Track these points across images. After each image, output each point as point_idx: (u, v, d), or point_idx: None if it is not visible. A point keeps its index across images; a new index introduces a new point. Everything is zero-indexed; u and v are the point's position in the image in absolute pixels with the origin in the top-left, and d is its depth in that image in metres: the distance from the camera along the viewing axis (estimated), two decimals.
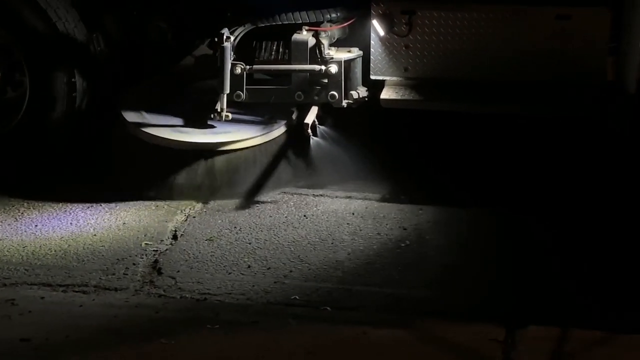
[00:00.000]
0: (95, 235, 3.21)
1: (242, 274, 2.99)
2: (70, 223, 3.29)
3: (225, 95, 3.23)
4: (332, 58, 3.29)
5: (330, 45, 3.36)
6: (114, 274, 2.96)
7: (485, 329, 2.64)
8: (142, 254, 3.12)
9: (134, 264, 3.08)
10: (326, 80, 3.31)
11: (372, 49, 3.35)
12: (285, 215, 3.31)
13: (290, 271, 2.99)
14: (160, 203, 3.41)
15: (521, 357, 2.53)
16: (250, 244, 3.19)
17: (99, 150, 3.53)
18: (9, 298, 2.72)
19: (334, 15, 3.35)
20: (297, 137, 3.40)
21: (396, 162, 3.60)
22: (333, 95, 3.29)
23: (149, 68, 3.86)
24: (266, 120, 3.38)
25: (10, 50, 3.43)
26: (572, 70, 3.20)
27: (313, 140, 3.32)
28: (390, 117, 3.56)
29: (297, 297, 2.84)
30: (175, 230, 3.26)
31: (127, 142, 3.33)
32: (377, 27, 3.26)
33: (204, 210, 3.45)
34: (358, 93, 3.36)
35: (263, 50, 3.46)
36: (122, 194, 3.39)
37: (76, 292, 2.86)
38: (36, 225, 3.22)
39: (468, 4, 3.25)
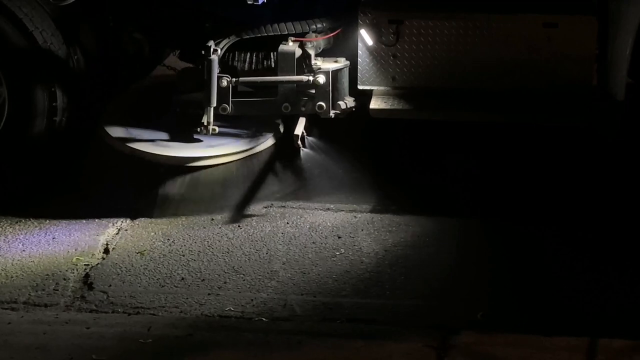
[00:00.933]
0: (24, 250, 3.22)
1: (176, 287, 3.02)
2: None
3: (212, 109, 3.21)
4: (319, 68, 3.29)
5: (317, 55, 3.35)
6: (43, 290, 2.97)
7: (419, 336, 2.69)
8: (73, 269, 3.13)
9: (64, 279, 3.09)
10: (313, 91, 3.30)
11: (359, 59, 3.35)
12: (219, 226, 3.32)
13: (225, 282, 3.02)
14: (91, 217, 3.42)
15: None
16: (183, 255, 3.21)
17: (77, 163, 3.51)
18: None
19: (319, 25, 3.35)
20: (284, 149, 3.41)
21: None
22: (321, 106, 3.29)
23: (125, 79, 3.84)
24: (253, 133, 3.37)
25: None
26: (559, 77, 3.25)
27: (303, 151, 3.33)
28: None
29: (231, 309, 2.86)
30: (107, 244, 3.28)
31: (109, 156, 3.30)
32: (365, 37, 3.26)
33: (136, 223, 3.46)
34: (346, 103, 3.36)
35: (248, 62, 3.44)
36: (50, 209, 3.41)
37: (4, 309, 2.85)
38: None
39: (456, 13, 3.27)
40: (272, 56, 3.40)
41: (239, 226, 3.39)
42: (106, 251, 3.31)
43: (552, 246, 3.18)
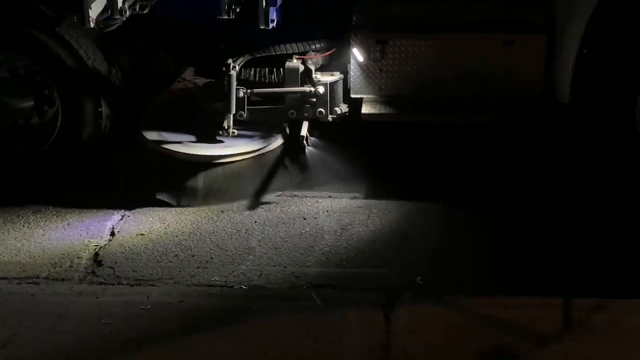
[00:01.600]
0: (44, 235, 3.68)
1: (170, 262, 3.45)
2: (23, 225, 3.78)
3: (231, 115, 3.81)
4: (319, 81, 3.87)
5: (317, 70, 3.94)
6: (60, 267, 3.40)
7: (369, 298, 3.15)
8: (85, 249, 3.56)
9: (78, 258, 3.51)
10: (314, 100, 3.89)
11: (351, 72, 3.92)
12: (205, 212, 3.83)
13: (211, 257, 3.47)
14: (100, 206, 3.92)
15: (398, 315, 3.03)
16: (177, 236, 3.66)
17: (118, 163, 4.10)
18: None
19: (318, 45, 3.95)
20: (291, 147, 4.02)
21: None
22: (321, 112, 3.89)
23: (153, 90, 4.48)
24: (264, 135, 3.97)
25: (42, 84, 3.92)
26: (516, 85, 3.83)
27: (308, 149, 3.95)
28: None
29: (216, 279, 3.28)
30: (113, 228, 3.75)
31: (147, 156, 3.90)
32: (356, 55, 3.84)
33: (137, 210, 3.92)
34: (341, 109, 3.96)
35: (260, 76, 4.05)
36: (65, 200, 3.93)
37: (28, 283, 3.28)
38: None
39: (431, 34, 3.84)
40: (279, 71, 4.00)
41: (221, 211, 3.88)
42: (112, 234, 3.76)
43: (501, 224, 3.68)
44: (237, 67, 3.78)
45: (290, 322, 3.04)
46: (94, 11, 3.59)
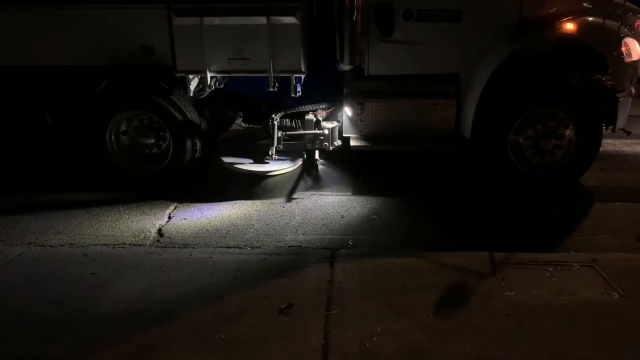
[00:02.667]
0: (128, 218, 5.56)
1: (204, 234, 5.15)
2: (116, 212, 5.69)
3: (274, 147, 6.17)
4: (325, 127, 6.25)
5: (323, 120, 6.30)
6: (138, 237, 5.10)
7: (322, 253, 4.70)
8: (152, 227, 5.30)
9: (149, 232, 5.22)
10: (322, 138, 6.26)
11: (343, 121, 6.18)
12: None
13: (228, 231, 5.16)
14: (156, 203, 5.82)
15: (337, 263, 4.52)
16: (208, 218, 5.46)
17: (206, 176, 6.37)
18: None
19: (323, 105, 6.31)
20: (308, 166, 6.40)
21: None
22: (326, 145, 6.28)
23: (221, 132, 6.79)
24: (292, 158, 6.32)
25: (158, 129, 6.16)
26: (438, 128, 6.03)
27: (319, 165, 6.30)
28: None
29: (231, 243, 4.98)
30: (170, 214, 5.62)
31: (224, 171, 6.24)
32: (346, 111, 6.13)
33: (185, 204, 5.82)
34: (336, 144, 6.33)
35: (289, 124, 6.39)
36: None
37: (120, 247, 4.97)
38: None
39: (393, 99, 6.00)
40: (301, 121, 6.33)
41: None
42: (169, 217, 5.56)
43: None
44: (277, 119, 6.20)
45: (273, 268, 4.49)
46: (192, 86, 6.00)
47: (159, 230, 5.32)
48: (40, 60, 6.07)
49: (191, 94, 6.00)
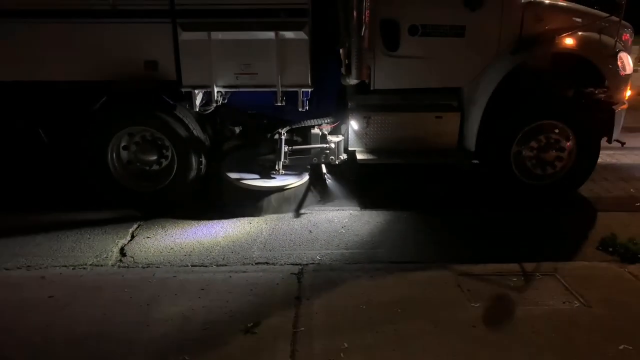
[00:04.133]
0: (89, 237, 5.32)
1: (168, 253, 4.99)
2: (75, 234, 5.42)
3: (281, 162, 6.13)
4: (330, 141, 6.26)
5: (329, 134, 6.32)
6: (100, 257, 4.93)
7: (289, 269, 4.71)
8: (114, 246, 5.13)
9: (111, 252, 5.05)
10: (328, 152, 6.28)
11: (349, 135, 6.26)
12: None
13: (193, 249, 5.05)
14: (119, 222, 5.64)
15: (305, 279, 4.49)
16: (172, 236, 5.33)
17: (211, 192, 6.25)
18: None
19: (329, 120, 6.32)
20: (313, 179, 6.38)
21: None
22: (332, 159, 6.29)
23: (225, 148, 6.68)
24: (299, 173, 6.27)
25: (161, 145, 6.07)
26: (442, 141, 6.18)
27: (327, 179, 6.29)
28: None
29: (196, 262, 4.84)
30: (133, 232, 5.46)
31: (229, 187, 6.13)
32: (352, 124, 6.23)
33: (149, 221, 5.68)
34: (342, 157, 6.36)
35: (296, 138, 6.33)
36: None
37: (79, 268, 4.75)
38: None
39: (394, 112, 6.17)
40: (307, 135, 6.30)
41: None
42: (132, 236, 5.39)
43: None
44: (285, 134, 6.18)
45: (240, 285, 4.42)
46: (198, 101, 5.95)
47: (122, 249, 5.19)
48: (38, 76, 5.92)
49: (197, 109, 5.94)
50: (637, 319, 4.01)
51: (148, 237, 5.44)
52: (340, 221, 5.81)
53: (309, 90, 5.93)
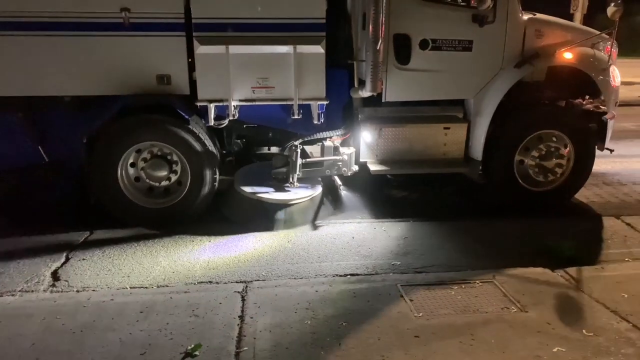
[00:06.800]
0: (19, 261, 4.96)
1: (105, 275, 4.73)
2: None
3: (296, 174, 6.15)
4: (342, 153, 6.34)
5: (341, 146, 6.42)
6: (31, 282, 4.60)
7: (232, 286, 4.55)
8: (47, 270, 4.85)
9: (43, 276, 4.76)
10: (340, 163, 6.36)
11: (361, 146, 6.36)
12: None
13: (133, 270, 4.84)
14: (52, 243, 5.34)
15: (249, 296, 4.35)
16: (110, 257, 5.09)
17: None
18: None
19: (341, 132, 6.41)
20: (326, 191, 6.44)
21: None
22: (345, 170, 6.36)
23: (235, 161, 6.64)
24: (312, 185, 6.29)
25: (171, 161, 5.95)
26: (450, 151, 6.40)
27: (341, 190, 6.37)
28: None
29: (137, 285, 4.56)
30: (68, 254, 5.17)
31: (242, 200, 6.08)
32: (363, 136, 6.34)
33: (82, 242, 5.43)
34: (354, 169, 6.44)
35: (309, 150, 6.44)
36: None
37: (8, 295, 4.36)
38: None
39: (405, 124, 6.35)
40: (320, 147, 6.40)
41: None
42: (67, 258, 5.12)
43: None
44: (300, 146, 6.20)
45: (181, 306, 4.24)
46: (212, 115, 5.90)
47: (55, 272, 4.93)
48: (45, 91, 5.72)
49: (212, 123, 5.89)
50: (570, 321, 4.15)
51: (84, 259, 5.18)
52: (286, 235, 5.76)
53: (325, 103, 6.00)
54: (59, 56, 5.62)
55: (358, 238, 5.70)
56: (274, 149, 6.90)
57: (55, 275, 4.85)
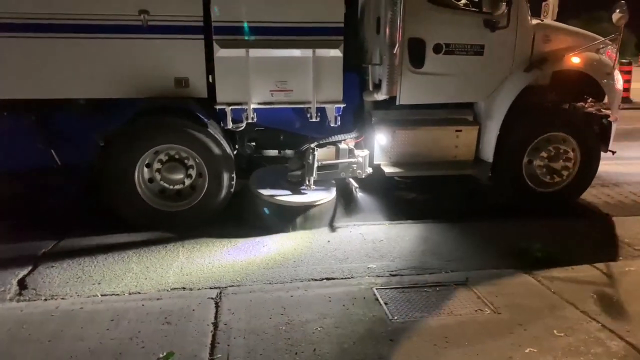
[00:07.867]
0: None
1: (75, 282, 4.57)
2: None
3: (312, 177, 6.16)
4: (357, 155, 6.40)
5: (355, 148, 6.49)
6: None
7: (205, 293, 4.47)
8: (14, 277, 4.71)
9: (9, 285, 4.57)
10: (355, 166, 6.42)
11: (375, 149, 6.45)
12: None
13: (105, 275, 4.73)
14: (18, 250, 5.17)
15: (223, 303, 4.25)
16: (79, 264, 4.91)
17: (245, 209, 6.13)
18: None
19: (355, 135, 6.47)
20: (340, 194, 6.48)
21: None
22: (360, 173, 6.42)
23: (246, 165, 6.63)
24: (327, 187, 6.32)
25: (187, 165, 5.94)
26: (461, 153, 6.53)
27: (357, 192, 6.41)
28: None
29: (99, 293, 4.36)
30: (36, 261, 5.00)
31: (259, 203, 6.07)
32: (377, 139, 6.42)
33: (50, 249, 5.26)
34: (368, 171, 6.49)
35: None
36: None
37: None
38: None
39: (418, 127, 6.47)
40: (335, 150, 6.42)
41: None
42: (35, 265, 4.98)
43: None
44: (317, 149, 6.23)
45: (154, 313, 4.13)
46: (229, 118, 5.90)
47: (22, 281, 4.77)
48: (62, 93, 5.65)
49: (229, 126, 5.89)
50: (541, 322, 4.18)
51: (53, 266, 5.02)
52: (261, 241, 5.69)
53: (342, 106, 6.06)
54: (76, 58, 5.57)
55: (334, 242, 5.69)
56: (283, 152, 6.85)
57: (22, 284, 4.70)
